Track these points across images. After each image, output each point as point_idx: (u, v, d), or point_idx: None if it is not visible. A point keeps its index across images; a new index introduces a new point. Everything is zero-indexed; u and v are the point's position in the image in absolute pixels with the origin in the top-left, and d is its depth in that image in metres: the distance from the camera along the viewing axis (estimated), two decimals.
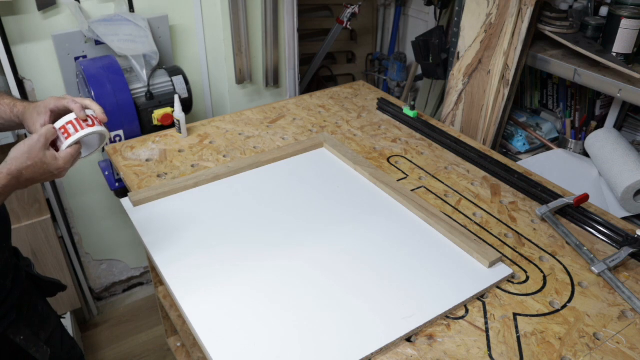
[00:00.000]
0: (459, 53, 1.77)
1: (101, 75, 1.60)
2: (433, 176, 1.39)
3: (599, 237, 1.19)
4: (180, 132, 1.53)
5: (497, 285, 1.05)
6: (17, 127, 1.05)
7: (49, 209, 1.73)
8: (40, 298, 1.22)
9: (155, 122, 1.67)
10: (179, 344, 1.86)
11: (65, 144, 0.94)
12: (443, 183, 1.37)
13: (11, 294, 1.06)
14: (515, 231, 1.20)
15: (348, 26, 2.50)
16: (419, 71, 2.62)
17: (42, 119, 0.97)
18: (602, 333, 0.95)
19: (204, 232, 1.16)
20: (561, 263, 1.11)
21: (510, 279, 1.07)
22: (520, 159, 1.75)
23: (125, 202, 1.24)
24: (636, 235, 1.12)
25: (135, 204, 1.23)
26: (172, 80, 1.74)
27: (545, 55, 1.59)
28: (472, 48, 1.71)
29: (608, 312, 0.99)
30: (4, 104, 1.02)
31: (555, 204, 1.24)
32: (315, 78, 2.84)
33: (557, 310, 0.99)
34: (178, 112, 1.51)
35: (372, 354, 0.89)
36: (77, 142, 0.95)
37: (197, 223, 1.19)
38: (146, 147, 1.48)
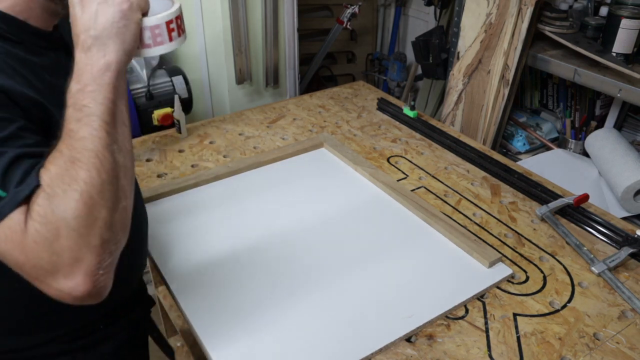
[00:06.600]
0: (459, 53, 1.77)
1: None
2: (433, 176, 1.39)
3: (599, 237, 1.18)
4: (180, 132, 1.53)
5: (497, 285, 1.05)
6: None
7: None
8: None
9: (155, 122, 1.66)
10: (179, 344, 1.86)
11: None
12: (443, 183, 1.37)
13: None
14: (515, 231, 1.20)
15: (348, 26, 2.51)
16: (419, 71, 2.62)
17: None
18: (602, 333, 0.95)
19: (204, 232, 1.16)
20: (561, 263, 1.11)
21: (510, 279, 1.07)
22: (520, 159, 1.75)
23: None
24: (636, 235, 1.12)
25: None
26: (172, 80, 1.74)
27: (545, 55, 1.59)
28: (472, 48, 1.71)
29: (608, 312, 0.99)
30: None
31: (555, 204, 1.24)
32: (315, 78, 2.85)
33: (557, 310, 0.99)
34: (178, 112, 1.51)
35: (372, 354, 0.89)
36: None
37: (197, 223, 1.19)
38: (146, 147, 1.48)
